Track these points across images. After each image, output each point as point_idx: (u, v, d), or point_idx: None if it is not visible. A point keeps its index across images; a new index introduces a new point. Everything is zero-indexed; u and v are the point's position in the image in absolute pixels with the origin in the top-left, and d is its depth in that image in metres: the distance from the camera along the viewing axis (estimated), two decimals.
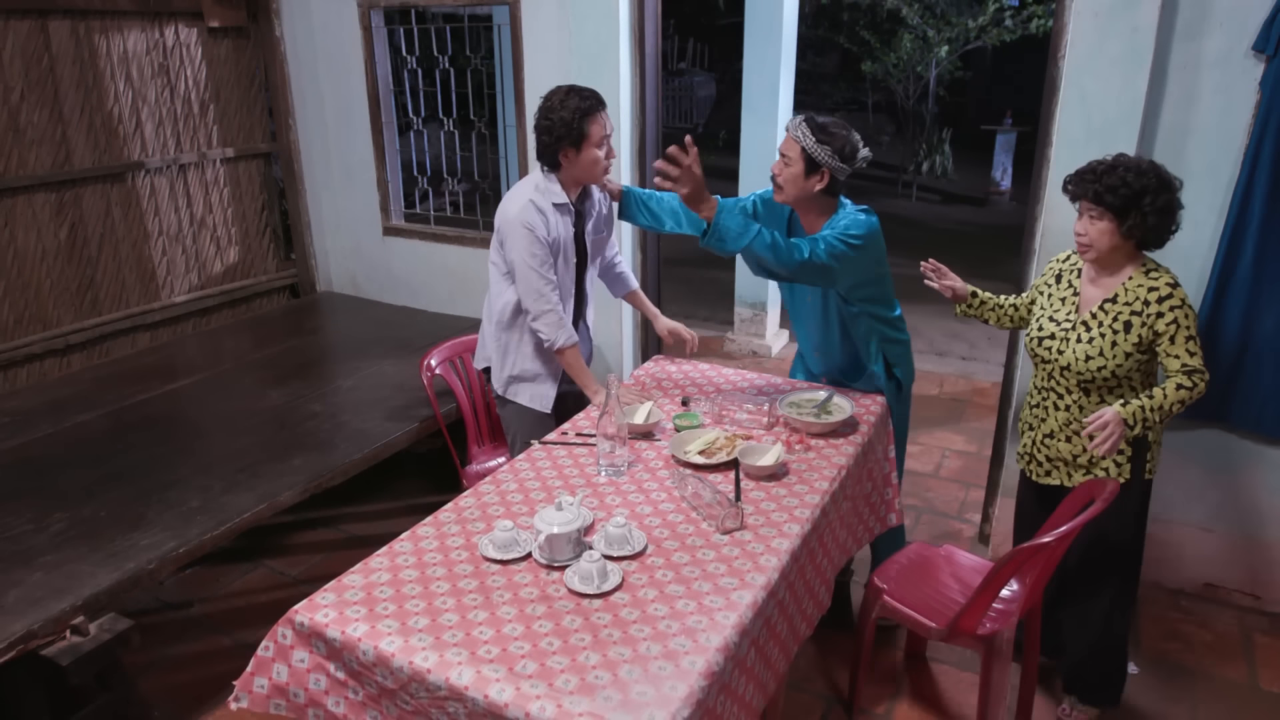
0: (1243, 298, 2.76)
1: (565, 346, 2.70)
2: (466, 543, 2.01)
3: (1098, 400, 2.37)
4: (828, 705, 2.68)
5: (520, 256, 2.63)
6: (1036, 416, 2.54)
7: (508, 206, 2.67)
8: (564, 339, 2.69)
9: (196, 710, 2.67)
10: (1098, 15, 2.72)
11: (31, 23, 3.59)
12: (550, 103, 2.60)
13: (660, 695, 1.54)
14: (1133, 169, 2.21)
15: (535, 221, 2.61)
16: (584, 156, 2.61)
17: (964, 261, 7.90)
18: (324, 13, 4.33)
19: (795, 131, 2.50)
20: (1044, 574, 2.27)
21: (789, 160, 2.52)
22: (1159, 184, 2.20)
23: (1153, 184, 2.19)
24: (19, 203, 3.66)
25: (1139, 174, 2.20)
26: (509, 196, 2.72)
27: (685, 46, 15.52)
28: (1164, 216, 2.22)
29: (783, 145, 2.55)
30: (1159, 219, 2.21)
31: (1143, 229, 2.22)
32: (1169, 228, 2.26)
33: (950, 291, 2.65)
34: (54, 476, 2.77)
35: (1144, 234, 2.24)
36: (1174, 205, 2.23)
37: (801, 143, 2.48)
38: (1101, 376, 2.32)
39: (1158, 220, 2.21)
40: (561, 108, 2.57)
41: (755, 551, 1.97)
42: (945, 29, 11.04)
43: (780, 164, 2.55)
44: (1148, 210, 2.19)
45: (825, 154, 2.47)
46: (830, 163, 2.48)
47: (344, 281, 4.89)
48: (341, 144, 4.57)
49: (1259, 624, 3.04)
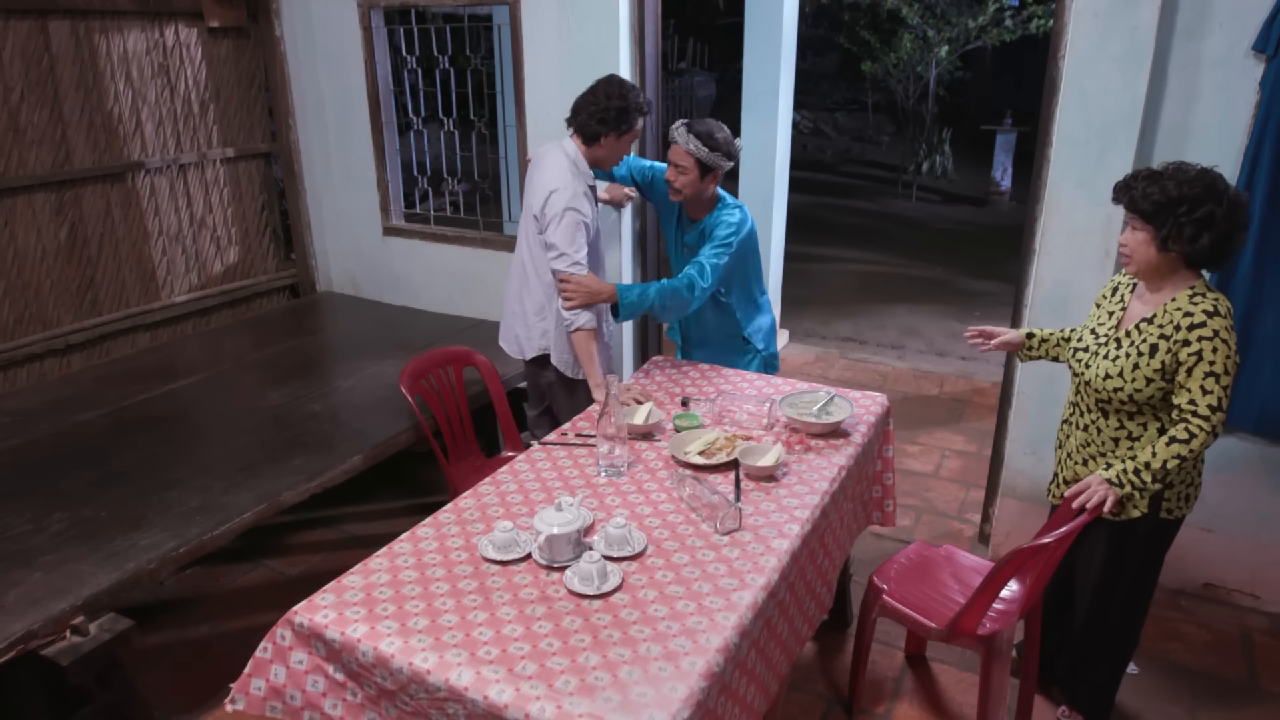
0: (1243, 298, 2.76)
1: (586, 328, 2.76)
2: (466, 543, 2.01)
3: (1116, 425, 2.24)
4: (828, 705, 2.68)
5: (564, 236, 2.73)
6: (1064, 433, 2.44)
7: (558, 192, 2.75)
8: (585, 319, 2.76)
9: (196, 710, 2.67)
10: (1098, 15, 2.72)
11: (31, 23, 3.59)
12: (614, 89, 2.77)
13: (660, 696, 1.54)
14: (1176, 177, 2.05)
15: (587, 210, 2.80)
16: (620, 145, 2.82)
17: (964, 261, 7.96)
18: (324, 13, 4.33)
19: (687, 144, 2.72)
20: (1044, 574, 2.27)
21: (683, 169, 2.76)
22: (1202, 194, 2.01)
23: (1194, 193, 2.01)
24: (19, 203, 3.66)
25: (1182, 182, 2.03)
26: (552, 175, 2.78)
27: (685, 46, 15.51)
28: (1205, 229, 2.01)
29: (674, 155, 2.78)
30: (1197, 231, 2.01)
31: (1182, 241, 2.03)
32: (1221, 244, 2.04)
33: (1006, 346, 2.56)
34: (54, 476, 2.77)
35: (1187, 248, 2.04)
36: (1216, 218, 2.00)
37: (696, 154, 2.73)
38: (1119, 399, 2.19)
39: (1196, 232, 2.01)
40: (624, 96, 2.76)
41: (755, 552, 1.97)
42: (945, 29, 11.04)
43: (675, 172, 2.78)
44: (1184, 220, 2.01)
45: (717, 159, 2.75)
46: (721, 165, 2.77)
47: (344, 281, 4.89)
48: (341, 144, 4.57)
49: (1259, 624, 3.04)
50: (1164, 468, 2.09)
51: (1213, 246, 2.04)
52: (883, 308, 6.60)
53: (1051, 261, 3.00)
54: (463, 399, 3.18)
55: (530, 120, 3.93)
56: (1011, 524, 3.35)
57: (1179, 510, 2.27)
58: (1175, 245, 2.05)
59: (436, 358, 3.15)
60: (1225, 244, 2.05)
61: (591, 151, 2.84)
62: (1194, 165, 2.08)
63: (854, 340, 6.00)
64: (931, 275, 7.57)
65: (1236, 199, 2.03)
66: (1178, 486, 2.25)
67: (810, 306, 6.59)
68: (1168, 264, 2.10)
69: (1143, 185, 2.07)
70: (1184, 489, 2.26)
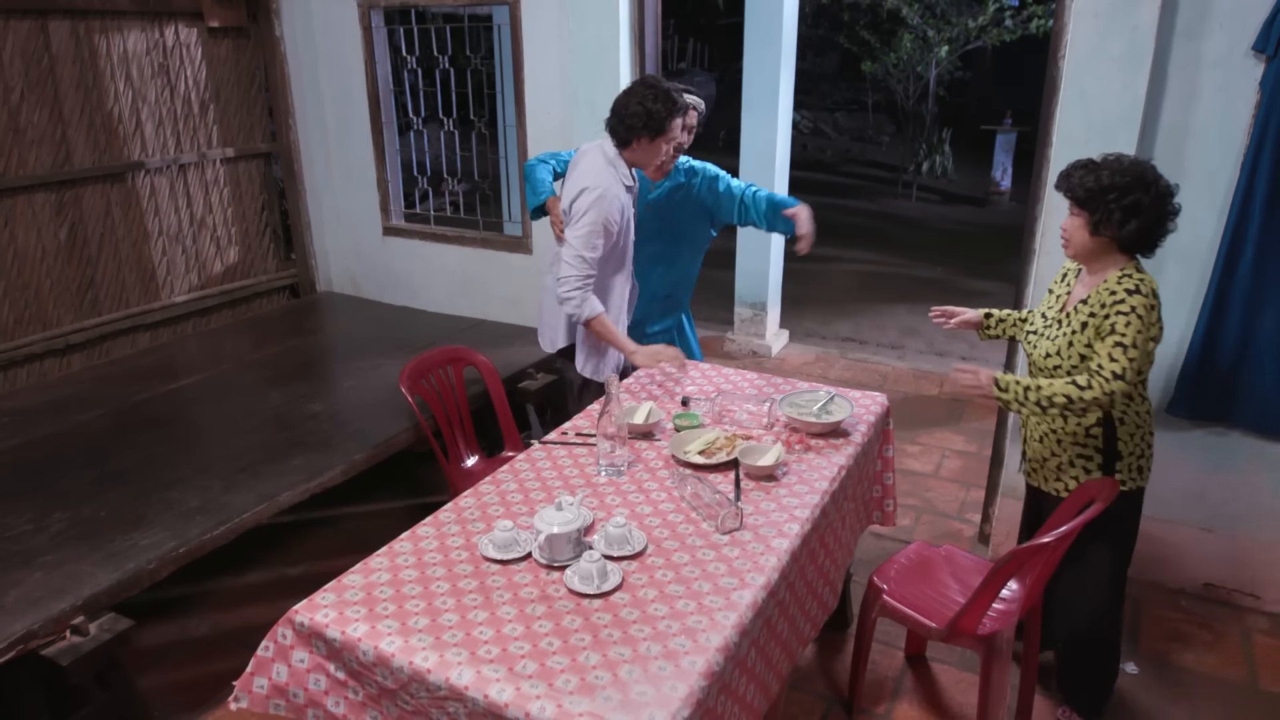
0: (1243, 298, 2.76)
1: (593, 316, 2.82)
2: (466, 543, 2.01)
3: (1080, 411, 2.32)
4: (828, 705, 2.68)
5: (581, 236, 2.76)
6: (1024, 415, 2.55)
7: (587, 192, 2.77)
8: (589, 310, 2.82)
9: (196, 710, 2.67)
10: (1098, 15, 2.72)
11: (31, 23, 3.59)
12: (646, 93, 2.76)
13: (660, 695, 1.54)
14: (1110, 166, 2.18)
15: (614, 218, 2.81)
16: (653, 147, 2.81)
17: (964, 261, 7.96)
18: (324, 13, 4.33)
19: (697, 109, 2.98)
20: (1044, 574, 2.27)
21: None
22: (1132, 183, 2.14)
23: (1124, 182, 2.14)
24: (19, 203, 3.66)
25: (1114, 172, 2.16)
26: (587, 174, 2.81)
27: (685, 46, 15.52)
28: (1132, 215, 2.15)
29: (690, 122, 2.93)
30: (1125, 217, 2.15)
31: (1111, 226, 2.17)
32: (1149, 230, 2.18)
33: (966, 325, 2.67)
34: (54, 476, 2.77)
35: (1117, 232, 2.18)
36: (1143, 205, 2.15)
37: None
38: (1058, 376, 2.30)
39: (1124, 218, 2.15)
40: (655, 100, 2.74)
41: (755, 551, 1.97)
42: (945, 29, 11.05)
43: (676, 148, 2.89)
44: (1114, 207, 2.15)
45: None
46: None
47: (344, 281, 4.89)
48: (341, 144, 4.57)
49: (1259, 624, 3.04)
50: (1050, 400, 2.20)
51: (1140, 232, 2.18)
52: (883, 308, 6.59)
53: (1051, 261, 2.99)
54: (463, 399, 3.18)
55: (530, 120, 3.93)
56: (1011, 524, 3.34)
57: (1132, 482, 2.37)
58: (1106, 230, 2.20)
59: (436, 358, 3.15)
60: (1153, 230, 2.20)
61: (628, 154, 2.84)
62: (1130, 157, 2.23)
63: (854, 340, 5.99)
64: (931, 275, 7.57)
65: (1165, 190, 2.18)
66: (1126, 458, 2.35)
67: (810, 306, 6.59)
68: (1102, 248, 2.25)
69: (1080, 174, 2.22)
70: (1133, 459, 2.36)
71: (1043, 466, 2.49)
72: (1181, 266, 2.88)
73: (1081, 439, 2.36)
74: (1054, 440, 2.39)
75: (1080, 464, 2.38)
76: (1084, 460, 2.37)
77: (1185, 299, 2.90)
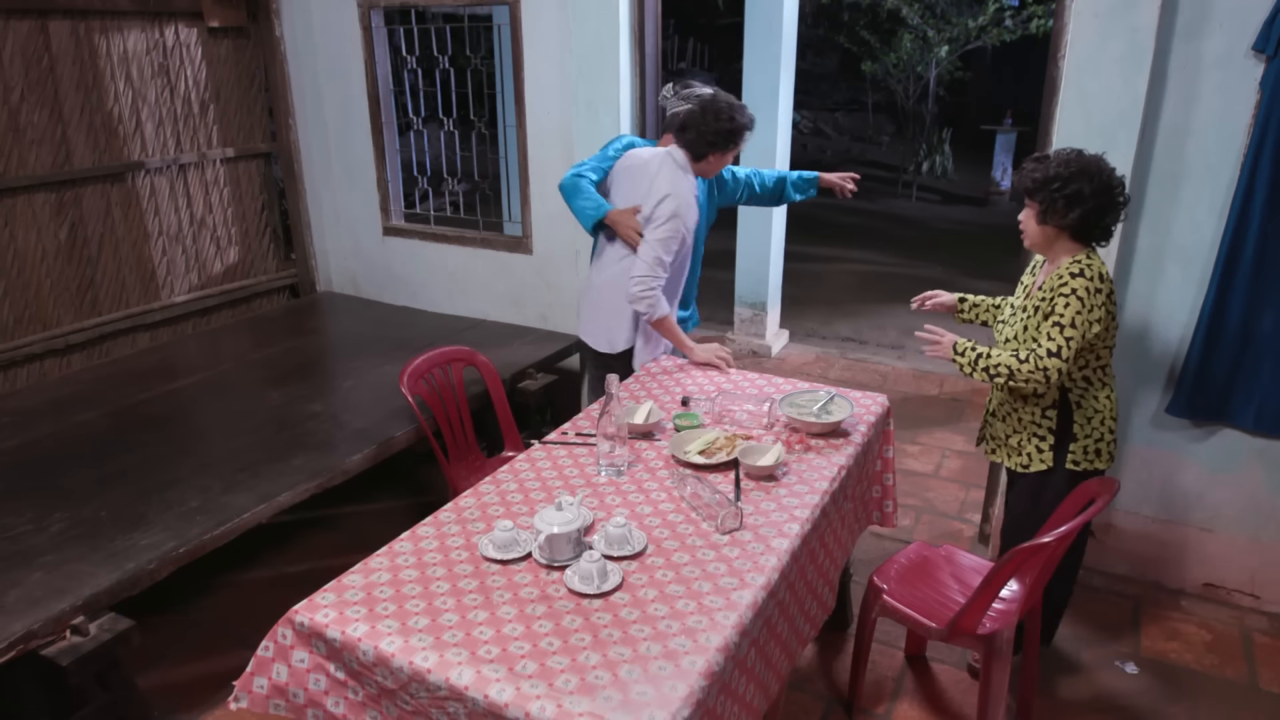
0: (1243, 297, 2.76)
1: (664, 315, 2.94)
2: (466, 543, 2.01)
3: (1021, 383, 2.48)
4: (828, 705, 2.68)
5: (663, 240, 2.89)
6: (990, 397, 2.72)
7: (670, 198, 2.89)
8: (660, 310, 2.93)
9: (196, 710, 2.67)
10: (1098, 15, 2.72)
11: (31, 23, 3.59)
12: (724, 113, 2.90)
13: (660, 695, 1.54)
14: (1058, 158, 2.31)
15: (690, 225, 2.97)
16: (722, 160, 2.98)
17: (964, 261, 7.96)
18: (324, 13, 4.33)
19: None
20: (1044, 574, 2.27)
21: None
22: (1075, 173, 2.26)
23: (1068, 173, 2.26)
24: (19, 203, 3.66)
25: (1060, 163, 2.29)
26: (667, 181, 2.93)
27: (685, 46, 15.51)
28: (1075, 204, 2.27)
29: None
30: (1069, 206, 2.28)
31: (1056, 215, 2.30)
32: (1094, 218, 2.30)
33: (940, 307, 2.80)
34: (54, 476, 2.77)
35: (1062, 221, 2.31)
36: (1085, 194, 2.26)
37: None
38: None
39: (1067, 207, 2.28)
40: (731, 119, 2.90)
41: (755, 551, 1.97)
42: (945, 29, 11.05)
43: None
44: (1057, 196, 2.28)
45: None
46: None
47: (344, 281, 4.89)
48: (341, 144, 4.57)
49: (1259, 624, 3.04)
50: (995, 369, 2.36)
51: (1085, 220, 2.30)
52: (883, 308, 6.59)
53: None
54: (463, 399, 3.18)
55: (530, 120, 3.93)
56: None
57: (1085, 463, 2.47)
58: (1052, 219, 2.33)
59: (436, 358, 3.15)
60: (1099, 218, 2.31)
61: (696, 165, 2.99)
62: (1081, 150, 2.34)
63: (854, 340, 5.99)
64: (931, 275, 7.56)
65: (1109, 181, 2.28)
66: (1081, 440, 2.46)
67: (810, 306, 6.59)
68: (1053, 237, 2.37)
69: (1030, 166, 2.36)
70: (1088, 443, 2.47)
71: (1004, 444, 2.62)
72: (1181, 266, 2.89)
73: (1038, 419, 2.49)
74: (1015, 419, 2.54)
75: (1035, 442, 2.50)
76: (1039, 439, 2.50)
77: (1185, 299, 2.90)
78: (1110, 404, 2.48)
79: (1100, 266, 2.33)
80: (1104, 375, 2.47)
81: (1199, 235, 2.82)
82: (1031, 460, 2.52)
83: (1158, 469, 3.11)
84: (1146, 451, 3.11)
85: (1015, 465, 2.57)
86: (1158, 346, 2.99)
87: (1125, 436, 3.11)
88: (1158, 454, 3.10)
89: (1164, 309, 2.95)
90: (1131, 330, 3.00)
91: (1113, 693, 2.72)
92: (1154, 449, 3.09)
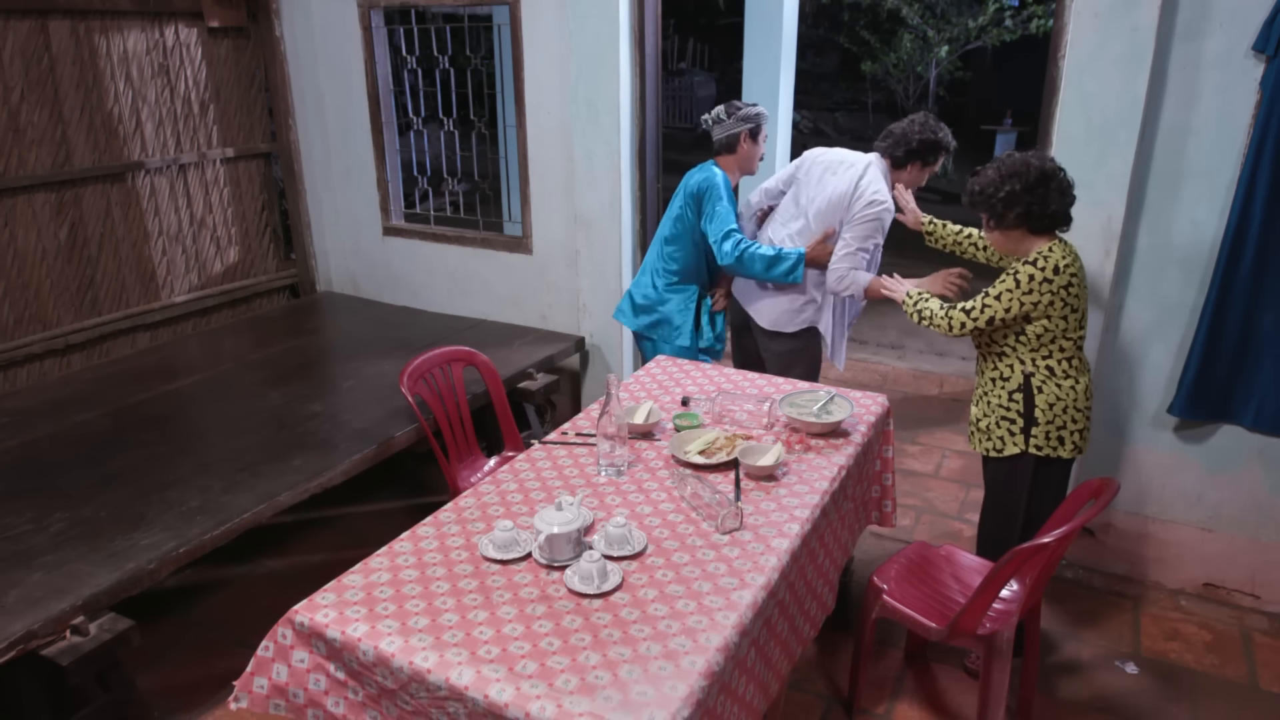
0: (1244, 297, 2.76)
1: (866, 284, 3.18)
2: (466, 543, 2.02)
3: (991, 368, 2.62)
4: (828, 705, 2.68)
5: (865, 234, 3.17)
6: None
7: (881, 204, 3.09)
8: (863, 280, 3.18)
9: (196, 710, 2.67)
10: (1098, 15, 2.72)
11: (31, 23, 3.59)
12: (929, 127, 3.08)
13: (660, 695, 1.54)
14: (993, 166, 2.46)
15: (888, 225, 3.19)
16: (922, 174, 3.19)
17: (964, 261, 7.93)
18: (324, 13, 4.33)
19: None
20: (1044, 574, 2.27)
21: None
22: (1005, 176, 2.40)
23: (998, 177, 2.42)
24: (19, 203, 3.66)
25: (991, 171, 2.45)
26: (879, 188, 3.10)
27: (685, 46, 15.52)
28: (1011, 205, 2.40)
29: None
30: (1005, 208, 2.41)
31: (1001, 219, 2.45)
32: (1035, 210, 2.39)
33: (911, 220, 3.11)
34: (54, 476, 2.77)
35: (1009, 223, 2.44)
36: (1017, 193, 2.38)
37: None
38: (982, 341, 2.61)
39: (1004, 209, 2.42)
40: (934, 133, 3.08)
41: (755, 551, 1.97)
42: (945, 29, 11.06)
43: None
44: (994, 202, 2.43)
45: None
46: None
47: (344, 281, 4.89)
48: (341, 144, 4.57)
49: (1259, 624, 3.04)
50: (924, 314, 2.66)
51: (1029, 214, 2.41)
52: (883, 308, 6.59)
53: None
54: (463, 399, 3.18)
55: (530, 120, 3.93)
56: None
57: (1048, 449, 2.54)
58: (1001, 224, 2.47)
59: (436, 358, 3.15)
60: (1042, 208, 2.40)
61: (895, 173, 3.15)
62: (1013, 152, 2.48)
63: (854, 340, 5.99)
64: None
65: (1043, 172, 2.38)
66: (1043, 425, 2.52)
67: None
68: (1013, 239, 2.49)
69: (969, 183, 2.53)
70: (1051, 429, 2.52)
71: (978, 427, 2.68)
72: (1181, 267, 2.89)
73: (1005, 402, 2.57)
74: (986, 403, 2.64)
75: (1005, 425, 2.58)
76: (1008, 423, 2.58)
77: (1186, 298, 2.90)
78: (1076, 394, 2.51)
79: (1060, 260, 2.39)
80: (1070, 367, 2.51)
81: (1199, 235, 2.82)
82: (1005, 444, 2.58)
83: (1158, 469, 3.11)
84: (1146, 451, 3.11)
85: (989, 450, 2.64)
86: (1158, 346, 2.99)
87: (1125, 436, 3.11)
88: (1158, 454, 3.10)
89: (1164, 309, 2.95)
90: (1132, 330, 3.00)
91: (1113, 692, 2.72)
92: (1154, 449, 3.09)
